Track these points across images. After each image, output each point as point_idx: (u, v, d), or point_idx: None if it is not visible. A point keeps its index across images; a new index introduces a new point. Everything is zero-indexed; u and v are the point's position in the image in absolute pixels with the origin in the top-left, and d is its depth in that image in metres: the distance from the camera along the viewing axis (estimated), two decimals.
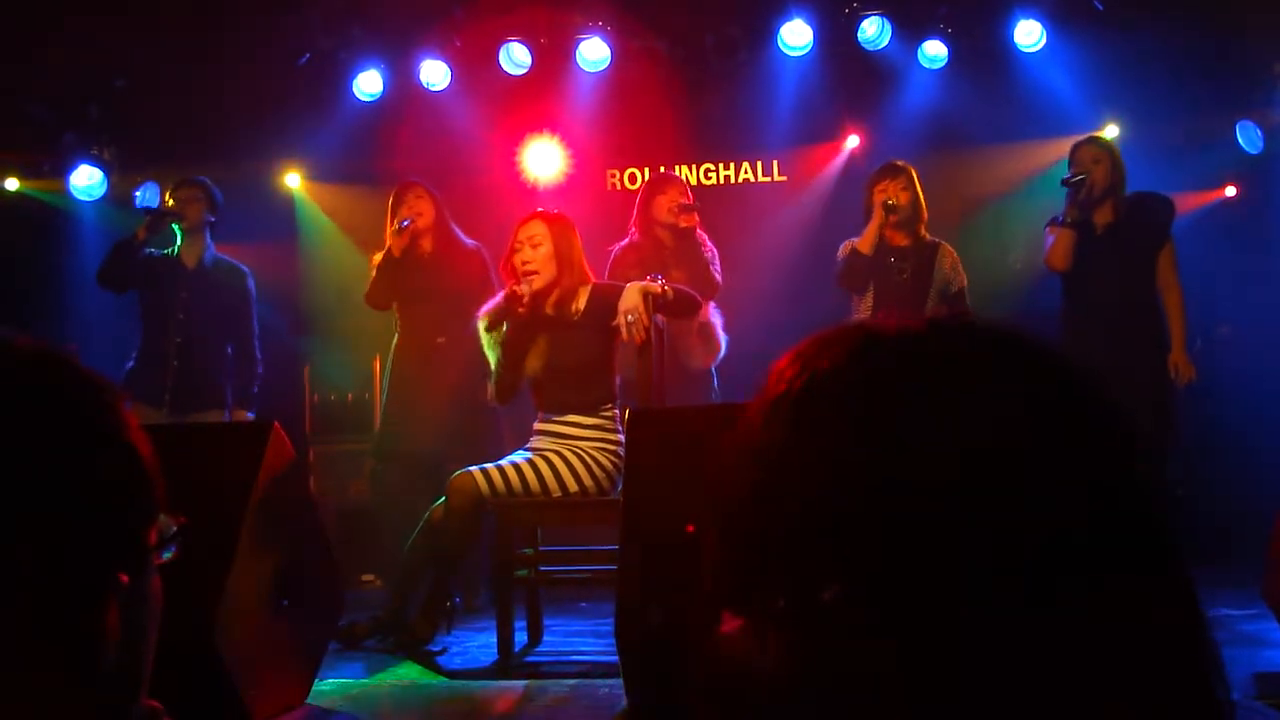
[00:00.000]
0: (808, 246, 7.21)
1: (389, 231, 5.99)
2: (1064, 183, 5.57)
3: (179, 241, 6.26)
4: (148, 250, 6.21)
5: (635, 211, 6.15)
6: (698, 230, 6.06)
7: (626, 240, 6.12)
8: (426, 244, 6.06)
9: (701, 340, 5.95)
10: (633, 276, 5.35)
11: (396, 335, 6.18)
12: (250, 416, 6.31)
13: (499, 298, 5.09)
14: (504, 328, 5.03)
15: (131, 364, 6.22)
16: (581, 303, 5.05)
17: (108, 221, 7.79)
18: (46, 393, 0.95)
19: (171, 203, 6.26)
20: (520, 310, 4.98)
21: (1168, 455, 5.48)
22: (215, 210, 6.36)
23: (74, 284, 7.46)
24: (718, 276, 6.00)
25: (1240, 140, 7.22)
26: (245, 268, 6.48)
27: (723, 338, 6.01)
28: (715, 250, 6.09)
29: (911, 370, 0.76)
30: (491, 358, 5.13)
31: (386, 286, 6.01)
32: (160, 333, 6.18)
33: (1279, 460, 5.87)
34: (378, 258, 6.06)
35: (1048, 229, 5.71)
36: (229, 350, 6.37)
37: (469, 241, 6.14)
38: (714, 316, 6.03)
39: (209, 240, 6.35)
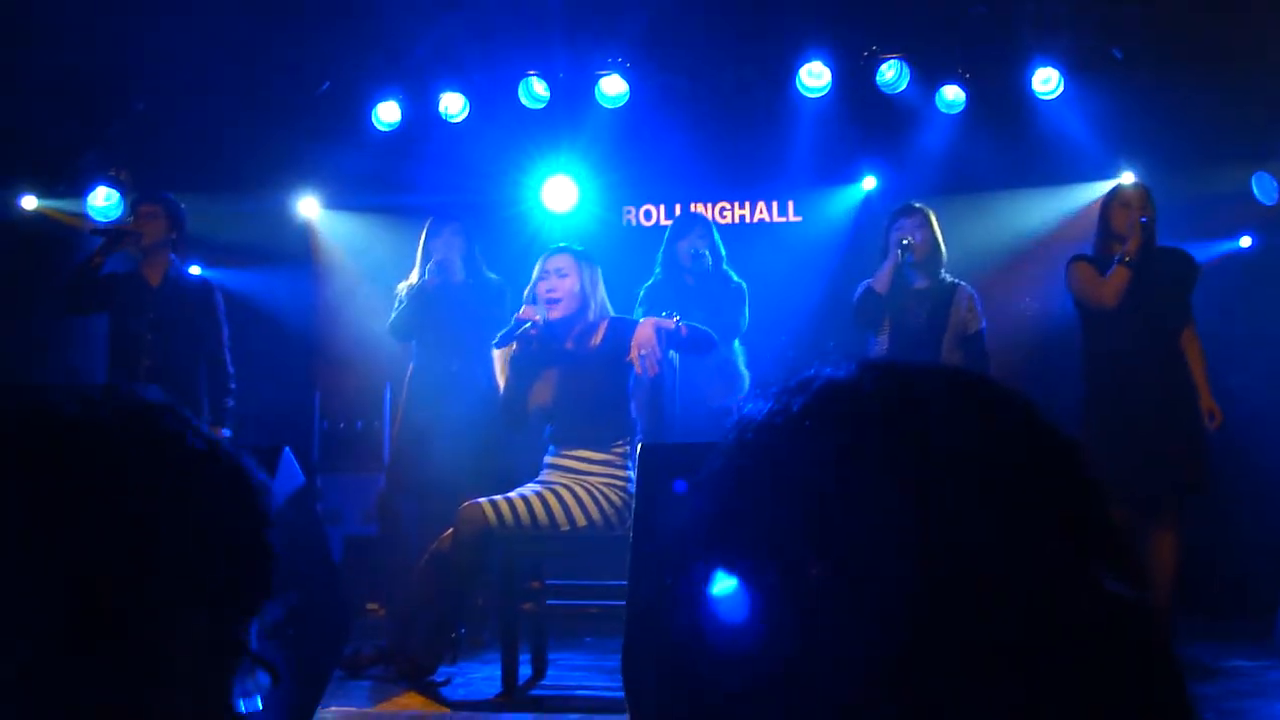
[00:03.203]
0: (823, 287, 7.22)
1: (418, 263, 6.05)
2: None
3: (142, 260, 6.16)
4: (107, 271, 6.09)
5: (662, 250, 6.23)
6: (723, 270, 6.13)
7: (652, 279, 6.18)
8: (458, 276, 6.08)
9: (722, 378, 5.96)
10: (653, 314, 5.39)
11: (412, 362, 6.18)
12: (226, 434, 6.07)
13: (513, 320, 5.10)
14: (513, 347, 5.03)
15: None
16: (599, 337, 5.06)
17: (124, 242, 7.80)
18: (202, 479, 0.99)
19: (132, 221, 6.15)
20: (531, 333, 4.99)
21: (1201, 500, 5.43)
22: (178, 227, 6.20)
23: None
24: (738, 318, 6.05)
25: (1256, 191, 7.21)
26: (212, 280, 6.39)
27: (746, 374, 6.04)
28: (744, 291, 6.14)
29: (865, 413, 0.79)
30: (500, 379, 5.14)
31: (413, 318, 6.02)
32: (130, 355, 6.03)
33: None
34: (403, 287, 6.07)
35: (1076, 263, 5.62)
36: (202, 368, 6.21)
37: (493, 276, 6.15)
38: (737, 355, 6.08)
39: (172, 257, 6.19)
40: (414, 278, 6.10)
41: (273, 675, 1.01)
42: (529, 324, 5.00)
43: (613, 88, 7.48)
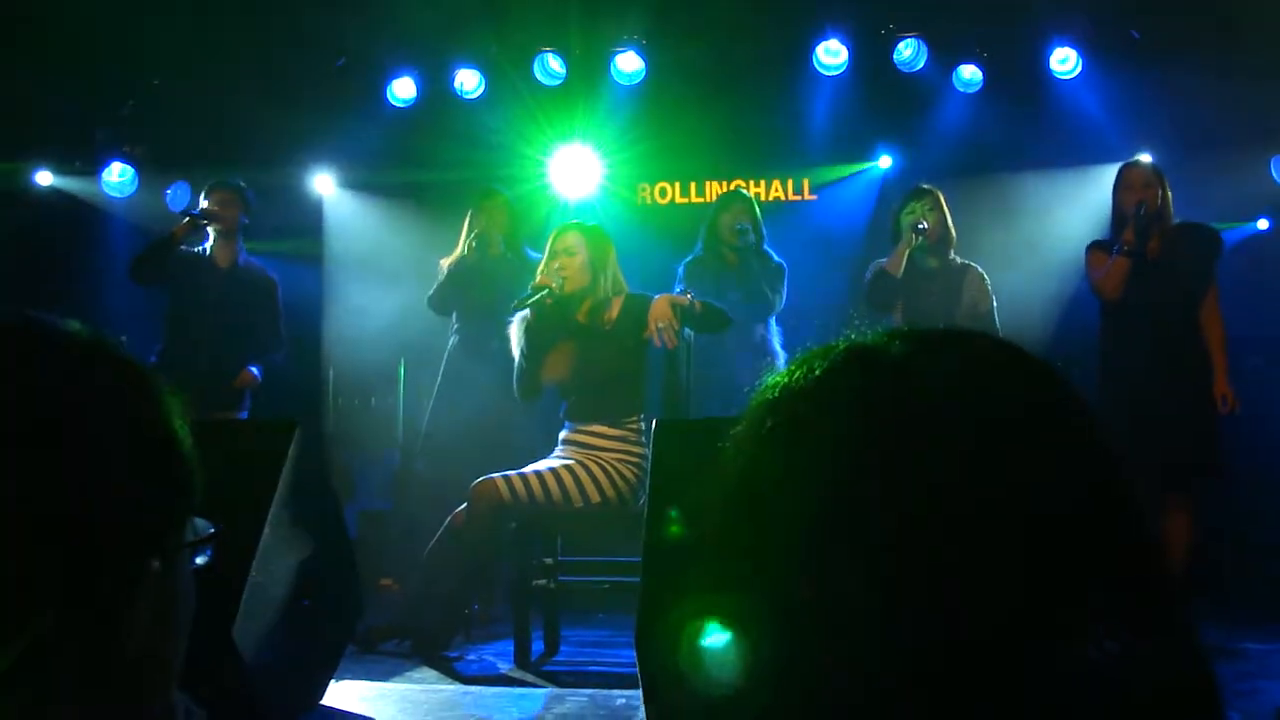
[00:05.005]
0: (837, 265, 7.20)
1: (462, 238, 6.06)
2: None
3: (210, 242, 6.27)
4: (180, 248, 6.23)
5: (704, 226, 6.25)
6: (764, 248, 6.13)
7: (693, 255, 6.19)
8: (497, 250, 6.09)
9: (757, 356, 5.97)
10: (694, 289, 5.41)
11: (453, 337, 6.19)
12: (254, 371, 6.26)
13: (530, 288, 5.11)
14: (529, 314, 5.04)
15: (154, 361, 6.20)
16: (614, 313, 5.07)
17: (138, 218, 7.83)
18: (89, 379, 0.93)
19: (208, 205, 6.25)
20: (547, 301, 5.00)
21: (1212, 483, 5.39)
22: (249, 213, 6.38)
23: (103, 279, 7.51)
24: (775, 296, 6.06)
25: (1274, 174, 7.18)
26: (275, 276, 6.50)
27: (781, 353, 6.04)
28: (784, 270, 6.16)
29: (888, 386, 0.78)
30: (515, 350, 5.14)
31: (451, 292, 6.04)
32: (187, 332, 6.15)
33: None
34: (446, 263, 6.09)
35: (1090, 251, 5.61)
36: (255, 351, 6.35)
37: (536, 253, 6.16)
38: (771, 333, 6.08)
39: (241, 243, 6.36)
40: (458, 253, 6.12)
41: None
42: (545, 290, 5.01)
43: (629, 64, 7.46)
